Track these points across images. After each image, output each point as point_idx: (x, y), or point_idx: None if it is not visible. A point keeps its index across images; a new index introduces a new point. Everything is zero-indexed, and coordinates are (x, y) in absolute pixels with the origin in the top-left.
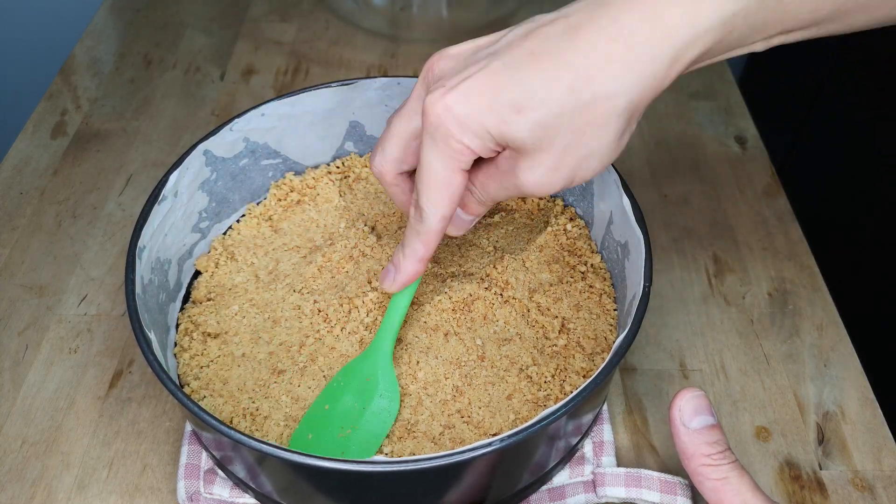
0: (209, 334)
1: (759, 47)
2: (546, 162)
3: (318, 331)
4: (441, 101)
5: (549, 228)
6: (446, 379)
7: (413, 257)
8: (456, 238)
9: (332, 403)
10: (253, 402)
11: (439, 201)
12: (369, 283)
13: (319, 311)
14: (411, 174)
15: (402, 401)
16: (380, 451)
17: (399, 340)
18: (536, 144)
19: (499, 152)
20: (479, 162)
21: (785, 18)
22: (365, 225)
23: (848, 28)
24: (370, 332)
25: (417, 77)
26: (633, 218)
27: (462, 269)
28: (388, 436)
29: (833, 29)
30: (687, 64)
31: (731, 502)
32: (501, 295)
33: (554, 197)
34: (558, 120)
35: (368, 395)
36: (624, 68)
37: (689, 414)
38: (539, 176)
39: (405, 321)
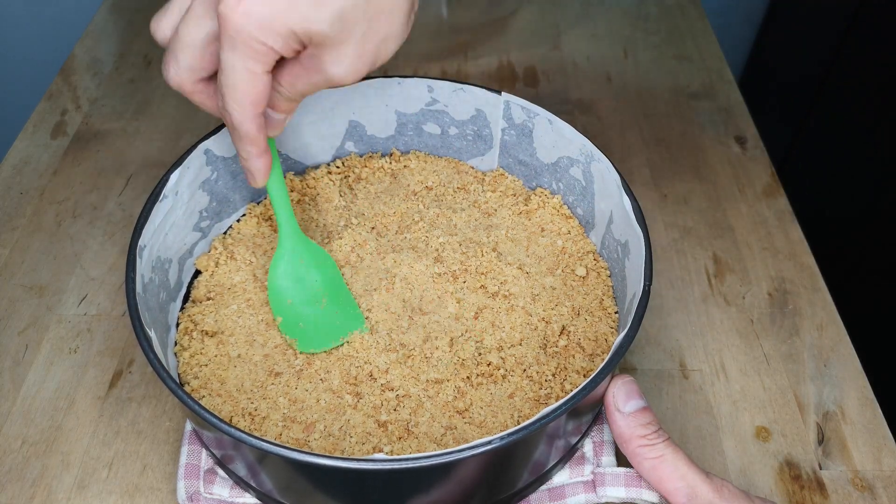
0: (207, 332)
1: None
2: (349, 51)
3: None
4: (240, 6)
5: (549, 228)
6: (448, 380)
7: (252, 156)
8: (457, 235)
9: (289, 297)
10: (251, 403)
11: (246, 105)
12: (365, 289)
13: None
14: (211, 78)
15: (402, 402)
16: (380, 450)
17: (403, 345)
18: (338, 36)
19: (300, 51)
20: (281, 61)
21: None
22: (365, 224)
23: None
24: (369, 333)
25: (417, 77)
26: (633, 217)
27: (464, 267)
28: (389, 436)
29: None
30: None
31: (670, 477)
32: (507, 301)
33: (553, 194)
34: (354, 10)
35: (309, 269)
36: None
37: (622, 399)
38: (346, 66)
39: (409, 334)
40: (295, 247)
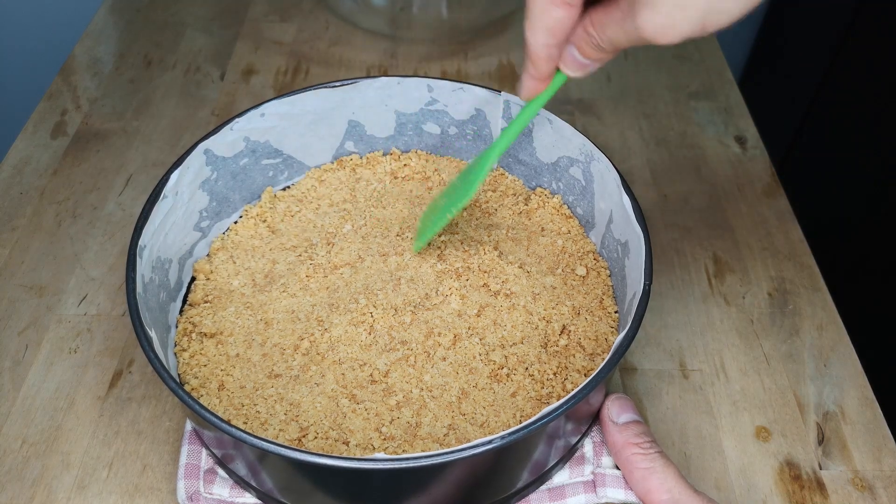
0: (205, 334)
1: None
2: None
3: (312, 334)
4: None
5: (549, 228)
6: (454, 381)
7: (526, 75)
8: (458, 234)
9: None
10: (253, 403)
11: (538, 29)
12: (366, 288)
13: (312, 313)
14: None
15: (405, 403)
16: (382, 450)
17: (405, 343)
18: None
19: None
20: (600, 4)
21: None
22: (365, 224)
23: None
24: (369, 334)
25: (418, 77)
26: (633, 216)
27: (466, 265)
28: (389, 437)
29: None
30: None
31: (658, 489)
32: (508, 299)
33: (553, 194)
34: None
35: (463, 177)
36: None
37: (616, 412)
38: (659, 16)
39: (412, 330)
40: (483, 156)
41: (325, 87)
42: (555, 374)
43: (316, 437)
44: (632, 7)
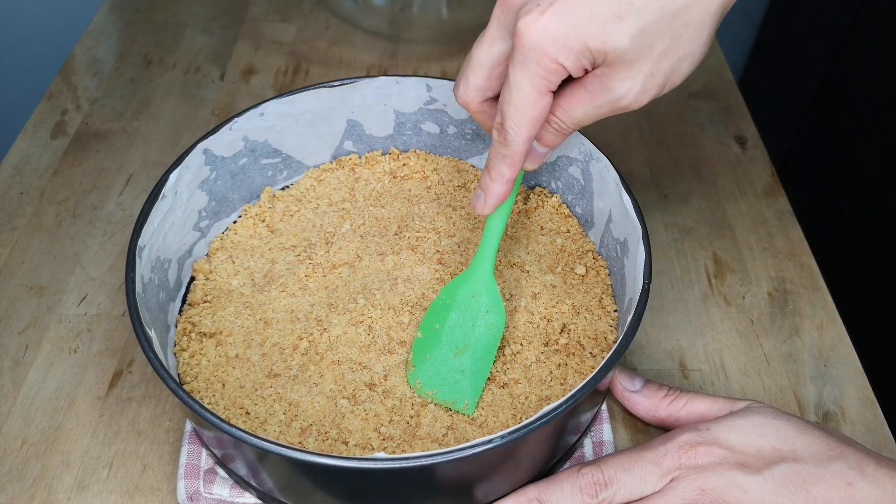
0: (205, 334)
1: None
2: (644, 69)
3: (311, 333)
4: (538, 23)
5: (548, 227)
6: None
7: (500, 179)
8: (456, 235)
9: (441, 322)
10: (252, 402)
11: (525, 123)
12: (365, 288)
13: (311, 313)
14: (495, 99)
15: (406, 402)
16: (382, 450)
17: (403, 343)
18: (636, 52)
19: (587, 71)
20: (560, 89)
21: None
22: (364, 224)
23: None
24: (367, 334)
25: (417, 77)
26: (633, 215)
27: (465, 265)
28: (388, 437)
29: None
30: None
31: (709, 409)
32: (510, 301)
33: (552, 193)
34: (658, 25)
35: (475, 312)
36: None
37: (628, 381)
38: (637, 85)
39: (410, 331)
40: (480, 283)
41: (324, 86)
42: (554, 373)
43: (315, 437)
44: (605, 85)
